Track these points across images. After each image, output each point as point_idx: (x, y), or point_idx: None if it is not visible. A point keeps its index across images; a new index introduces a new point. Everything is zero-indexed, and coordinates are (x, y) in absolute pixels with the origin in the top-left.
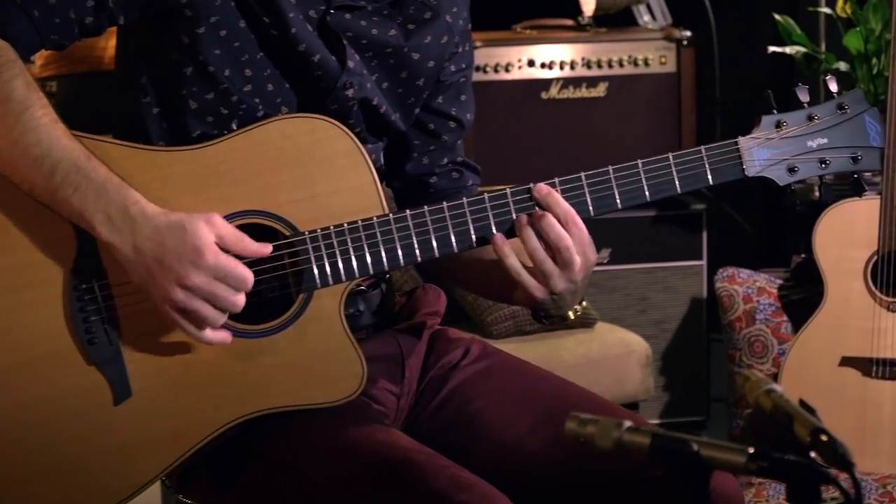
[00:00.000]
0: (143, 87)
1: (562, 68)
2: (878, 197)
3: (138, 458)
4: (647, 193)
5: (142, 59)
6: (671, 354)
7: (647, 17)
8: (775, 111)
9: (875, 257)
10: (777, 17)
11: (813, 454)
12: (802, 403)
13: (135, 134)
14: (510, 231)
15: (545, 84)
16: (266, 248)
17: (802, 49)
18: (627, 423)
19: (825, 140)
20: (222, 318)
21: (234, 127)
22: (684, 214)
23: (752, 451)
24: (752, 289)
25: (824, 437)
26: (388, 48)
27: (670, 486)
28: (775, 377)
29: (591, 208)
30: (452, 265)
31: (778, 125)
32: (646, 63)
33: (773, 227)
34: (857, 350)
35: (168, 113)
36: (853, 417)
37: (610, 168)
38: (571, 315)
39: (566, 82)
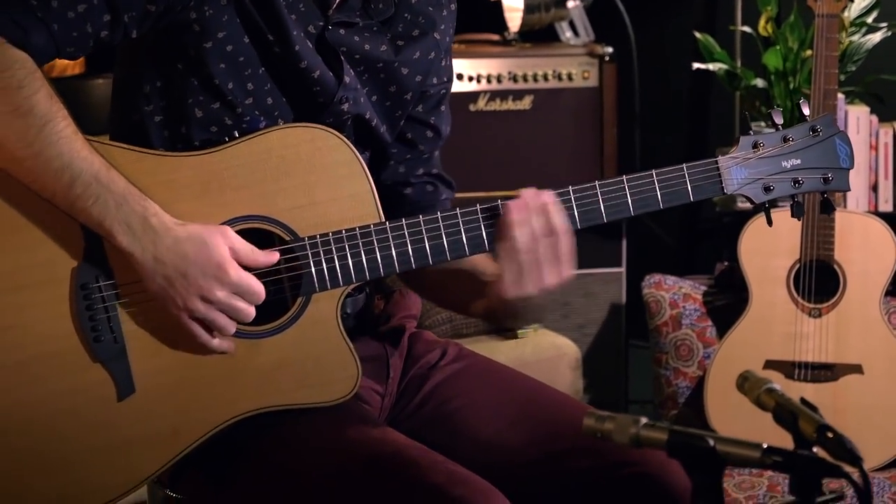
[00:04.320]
0: (147, 96)
1: (489, 81)
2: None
3: (139, 454)
4: (631, 208)
5: (148, 69)
6: (591, 358)
7: (569, 34)
8: (752, 132)
9: (797, 265)
10: (697, 34)
11: (816, 449)
12: (804, 401)
13: (136, 140)
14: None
15: (473, 96)
16: (273, 257)
17: (724, 66)
18: (644, 420)
19: (798, 161)
20: (234, 328)
21: (237, 136)
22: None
23: (766, 446)
24: (678, 295)
25: (831, 434)
26: (380, 63)
27: (642, 481)
28: (702, 379)
29: (578, 221)
30: (420, 275)
31: (755, 146)
32: (569, 77)
33: (689, 235)
34: (781, 354)
35: (171, 121)
36: None
37: (596, 183)
38: (525, 332)
39: (493, 95)
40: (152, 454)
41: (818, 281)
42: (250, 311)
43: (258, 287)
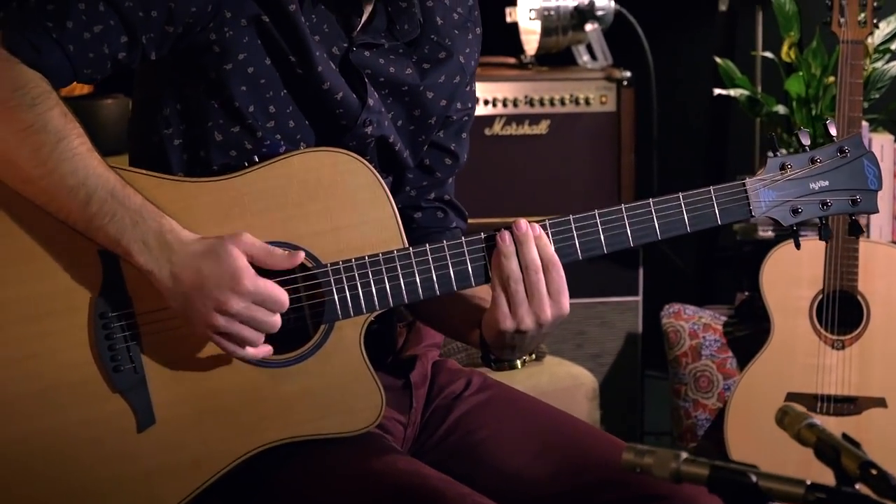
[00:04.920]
0: (167, 119)
1: (505, 105)
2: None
3: (160, 486)
4: (658, 232)
5: (167, 91)
6: (606, 388)
7: (586, 58)
8: (780, 153)
9: (820, 296)
10: (718, 60)
11: (858, 486)
12: (846, 437)
13: (155, 163)
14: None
15: (489, 120)
16: (297, 257)
17: (745, 92)
18: (684, 455)
19: (826, 182)
20: (261, 339)
21: (257, 160)
22: (621, 251)
23: (809, 483)
24: (697, 325)
25: (874, 471)
26: (405, 86)
27: None
28: (722, 412)
29: (604, 246)
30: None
31: (783, 167)
32: (587, 102)
33: (707, 264)
34: (803, 386)
35: (190, 145)
36: (799, 451)
37: (622, 206)
38: (519, 364)
39: (509, 119)
40: (174, 485)
41: (841, 312)
42: (274, 320)
43: (280, 294)
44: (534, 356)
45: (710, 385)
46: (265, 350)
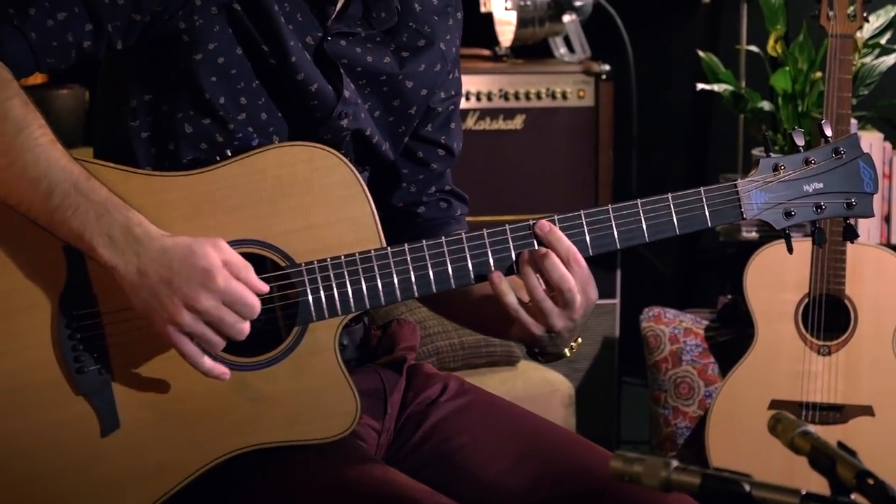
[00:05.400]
0: (134, 111)
1: (479, 99)
2: (809, 239)
3: (125, 492)
4: (645, 234)
5: (134, 82)
6: (582, 395)
7: (563, 50)
8: (772, 154)
9: (806, 300)
10: (701, 53)
11: (854, 496)
12: (841, 445)
13: (121, 158)
14: (509, 268)
15: (461, 115)
16: (264, 287)
17: (729, 87)
18: (675, 463)
19: (821, 185)
20: (222, 345)
21: (229, 154)
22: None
23: (805, 492)
24: (678, 329)
25: (871, 480)
26: (383, 76)
27: None
28: (703, 420)
29: (589, 248)
30: (445, 298)
31: (776, 168)
32: (564, 96)
33: (689, 266)
34: (787, 394)
35: (158, 138)
36: (782, 461)
37: (609, 207)
38: (567, 352)
39: (483, 113)
40: (141, 492)
41: (828, 317)
42: (242, 327)
43: (251, 299)
44: (580, 340)
45: (691, 392)
46: (222, 369)
